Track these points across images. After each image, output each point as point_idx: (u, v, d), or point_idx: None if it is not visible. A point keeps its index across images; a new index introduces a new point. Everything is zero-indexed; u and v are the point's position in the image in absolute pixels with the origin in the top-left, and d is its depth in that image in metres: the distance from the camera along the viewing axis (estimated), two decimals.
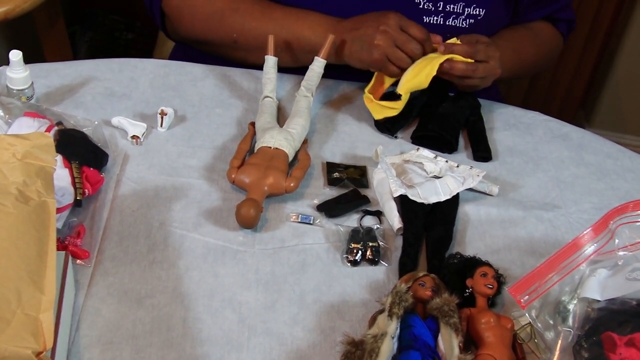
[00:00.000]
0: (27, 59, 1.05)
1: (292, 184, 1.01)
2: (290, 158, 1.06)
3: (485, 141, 1.17)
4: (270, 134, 1.06)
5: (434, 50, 1.14)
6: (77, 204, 0.93)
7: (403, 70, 1.12)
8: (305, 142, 1.11)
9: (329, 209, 1.01)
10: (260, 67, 1.17)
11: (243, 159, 1.05)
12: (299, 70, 1.18)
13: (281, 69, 1.18)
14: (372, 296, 0.91)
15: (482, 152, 1.15)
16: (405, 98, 1.14)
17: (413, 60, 1.12)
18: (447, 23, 1.21)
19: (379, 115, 1.16)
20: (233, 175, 1.02)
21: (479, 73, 1.13)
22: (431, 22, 1.20)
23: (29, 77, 1.06)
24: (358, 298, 0.91)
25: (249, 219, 0.96)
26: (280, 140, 1.05)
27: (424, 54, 1.13)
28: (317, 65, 1.15)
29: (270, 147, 1.05)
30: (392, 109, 1.14)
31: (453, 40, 1.14)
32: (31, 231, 0.76)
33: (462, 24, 1.21)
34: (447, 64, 1.12)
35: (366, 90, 1.16)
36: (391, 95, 1.15)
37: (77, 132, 1.01)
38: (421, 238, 0.99)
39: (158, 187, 1.01)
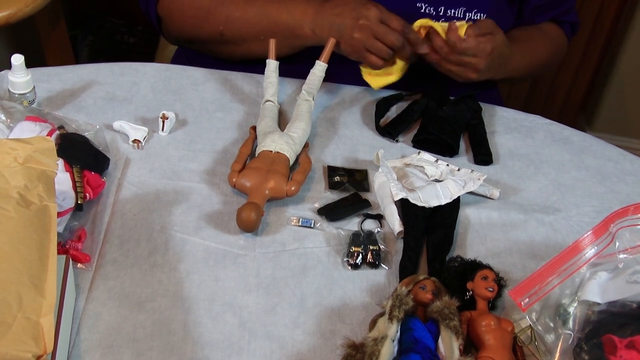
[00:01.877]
0: (29, 63, 1.05)
1: (293, 188, 1.01)
2: (292, 162, 1.06)
3: (486, 145, 1.16)
4: (272, 138, 1.06)
5: (418, 37, 1.15)
6: (78, 208, 0.93)
7: (384, 59, 1.13)
8: (306, 145, 1.11)
9: (330, 212, 1.01)
10: (249, 61, 1.18)
11: (244, 163, 1.05)
12: (300, 74, 1.19)
13: (282, 73, 1.18)
14: (372, 299, 0.91)
15: (483, 156, 1.15)
16: (400, 62, 1.14)
17: (394, 50, 1.13)
18: None
19: (378, 83, 1.17)
20: (234, 179, 1.02)
21: (450, 60, 1.14)
22: None
23: (31, 81, 1.06)
24: (359, 301, 0.91)
25: (249, 223, 0.96)
26: (282, 144, 1.05)
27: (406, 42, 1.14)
28: (319, 69, 1.15)
29: (272, 151, 1.05)
30: (390, 75, 1.15)
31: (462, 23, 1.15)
32: (32, 235, 0.76)
33: None
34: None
35: (362, 66, 1.17)
36: None
37: (78, 136, 1.01)
38: (422, 241, 0.99)
39: (159, 191, 1.01)
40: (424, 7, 1.20)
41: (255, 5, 1.19)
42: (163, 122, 1.10)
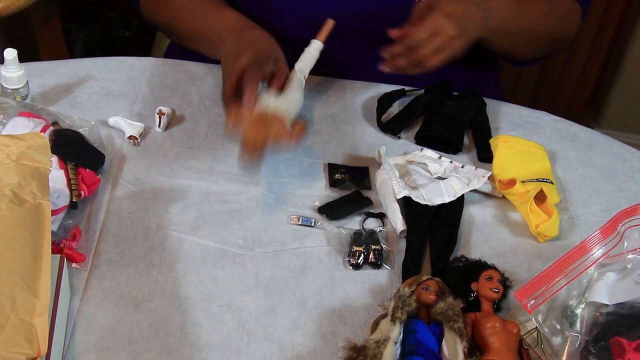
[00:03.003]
0: (22, 58, 1.05)
1: (298, 130, 0.95)
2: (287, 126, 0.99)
3: None
4: (266, 101, 0.99)
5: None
6: (72, 206, 0.92)
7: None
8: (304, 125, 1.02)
9: (331, 211, 1.00)
10: (198, 55, 1.18)
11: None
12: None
13: None
14: (374, 300, 0.90)
15: (487, 153, 1.13)
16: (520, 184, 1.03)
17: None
18: None
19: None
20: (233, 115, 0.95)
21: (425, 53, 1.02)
22: None
23: (24, 76, 1.05)
24: (360, 302, 0.90)
25: (255, 144, 0.91)
26: (278, 103, 0.99)
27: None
28: (313, 48, 1.09)
29: (267, 112, 0.97)
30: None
31: None
32: (26, 234, 0.75)
33: None
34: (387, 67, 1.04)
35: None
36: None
37: (73, 132, 1.01)
38: (425, 241, 0.98)
39: (156, 188, 1.00)
40: None
41: (196, 10, 1.17)
42: (160, 118, 1.09)
